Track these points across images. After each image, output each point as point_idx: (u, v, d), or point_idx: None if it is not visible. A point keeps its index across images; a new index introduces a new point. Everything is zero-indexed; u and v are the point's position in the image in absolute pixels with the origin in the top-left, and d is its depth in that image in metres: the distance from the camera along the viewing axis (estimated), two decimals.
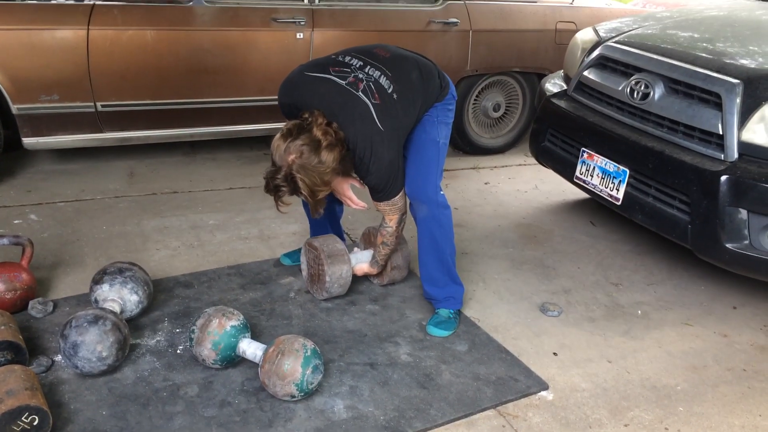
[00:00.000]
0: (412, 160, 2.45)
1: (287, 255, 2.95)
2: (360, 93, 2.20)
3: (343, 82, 2.21)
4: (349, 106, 2.19)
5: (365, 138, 2.19)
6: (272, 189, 2.21)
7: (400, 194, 2.40)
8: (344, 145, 2.20)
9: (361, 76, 2.24)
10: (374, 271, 2.69)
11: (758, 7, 3.61)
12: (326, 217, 2.81)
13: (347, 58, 2.31)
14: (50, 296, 2.59)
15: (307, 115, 2.18)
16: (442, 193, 2.51)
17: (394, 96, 2.25)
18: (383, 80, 2.26)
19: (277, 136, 2.20)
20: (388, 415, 2.10)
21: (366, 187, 2.39)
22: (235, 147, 4.34)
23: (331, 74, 2.24)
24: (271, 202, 3.55)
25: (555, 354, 2.49)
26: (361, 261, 2.70)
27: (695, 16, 3.52)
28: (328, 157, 2.14)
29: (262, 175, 2.23)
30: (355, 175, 2.42)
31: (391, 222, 2.48)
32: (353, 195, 2.49)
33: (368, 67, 2.28)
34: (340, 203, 2.77)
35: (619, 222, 3.66)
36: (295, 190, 2.19)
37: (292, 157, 2.14)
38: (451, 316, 2.58)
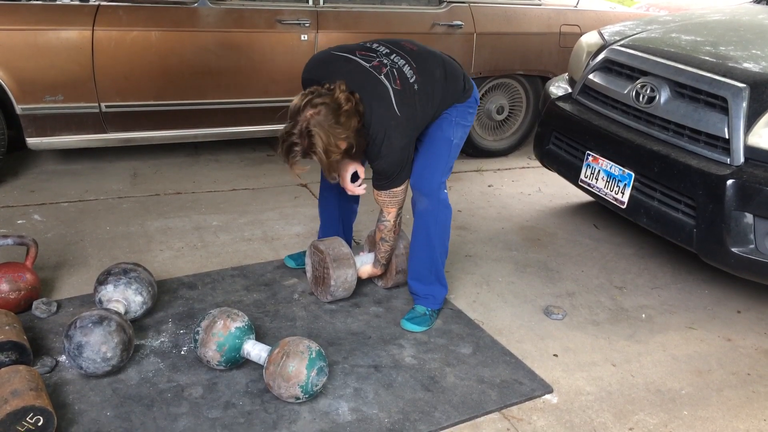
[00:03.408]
0: (422, 152, 2.46)
1: (291, 257, 2.95)
2: (382, 76, 2.22)
3: (368, 65, 2.24)
4: (370, 85, 2.20)
5: (381, 119, 2.19)
6: (285, 149, 2.15)
7: (403, 187, 2.40)
8: (362, 120, 2.18)
9: (385, 61, 2.26)
10: (378, 271, 2.70)
11: (760, 11, 3.61)
12: (339, 220, 2.81)
13: (375, 45, 2.35)
14: (54, 297, 2.59)
15: (329, 84, 2.17)
16: (446, 191, 2.52)
17: (415, 87, 2.27)
18: (407, 69, 2.28)
19: (297, 96, 2.16)
20: (393, 417, 2.09)
21: (359, 184, 2.38)
22: (238, 148, 4.34)
23: (357, 56, 2.27)
24: (275, 203, 3.59)
25: (555, 356, 2.49)
26: (366, 263, 2.70)
27: (698, 20, 3.52)
28: (347, 122, 2.12)
29: (278, 136, 2.17)
30: (362, 160, 2.41)
31: (389, 215, 2.47)
32: (349, 182, 2.46)
33: (394, 55, 2.31)
34: (356, 202, 2.79)
35: (622, 225, 3.65)
36: (309, 148, 2.12)
37: (310, 112, 2.10)
38: (427, 313, 2.59)
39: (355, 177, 2.50)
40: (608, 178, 2.98)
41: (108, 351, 2.09)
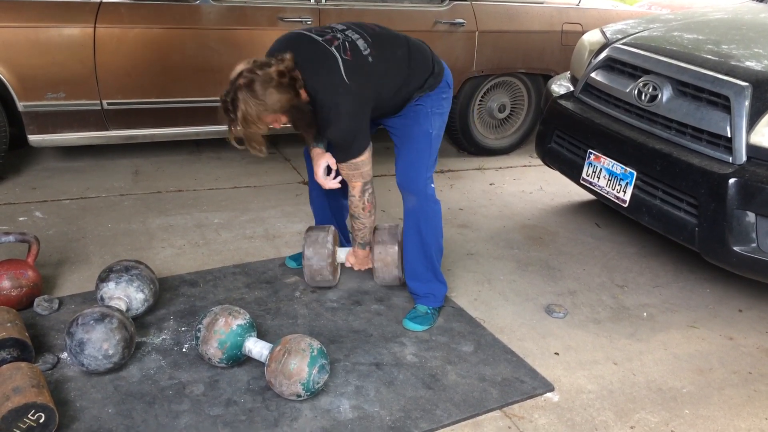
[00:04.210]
0: (403, 150, 2.48)
1: (292, 258, 2.95)
2: (332, 48, 2.24)
3: (320, 38, 2.26)
4: (318, 57, 2.22)
5: (328, 87, 2.20)
6: (222, 111, 2.19)
7: (363, 159, 2.35)
8: (298, 94, 2.19)
9: (339, 36, 2.29)
10: (359, 253, 2.67)
11: (763, 10, 3.60)
12: (332, 216, 2.82)
13: (334, 24, 2.37)
14: (56, 294, 2.60)
15: (279, 56, 2.19)
16: (432, 186, 2.52)
17: (370, 59, 2.27)
18: (360, 42, 2.29)
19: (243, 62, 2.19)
20: (394, 415, 2.09)
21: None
22: None
23: (312, 32, 2.30)
24: (276, 201, 3.59)
25: (557, 354, 2.49)
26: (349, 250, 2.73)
27: (701, 18, 3.52)
28: (273, 97, 2.11)
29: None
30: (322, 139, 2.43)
31: (354, 190, 2.44)
32: (321, 175, 2.46)
33: (349, 30, 2.32)
34: (344, 197, 2.79)
35: (624, 224, 3.65)
36: (234, 114, 2.14)
37: (241, 81, 2.12)
38: (429, 311, 2.59)
39: (330, 171, 2.49)
40: (610, 177, 2.98)
41: (110, 348, 2.09)
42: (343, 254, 2.75)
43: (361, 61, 2.25)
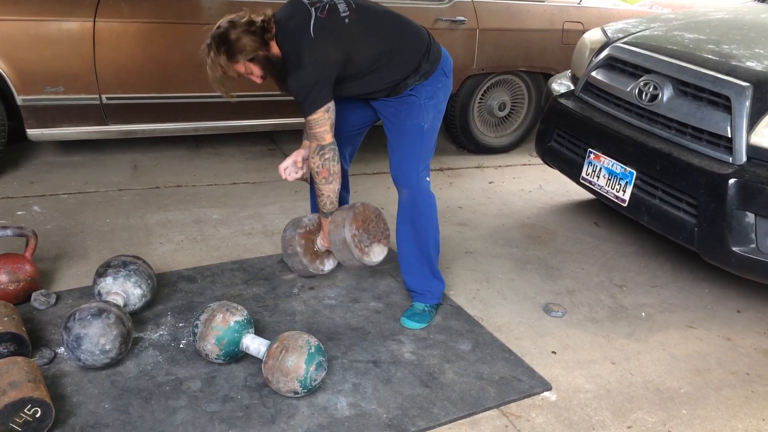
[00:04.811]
0: (395, 144, 2.49)
1: None
2: (312, 8, 2.30)
3: (307, 2, 2.33)
4: (295, 14, 2.31)
5: (293, 38, 2.28)
6: (205, 55, 2.33)
7: (316, 118, 2.31)
8: (267, 44, 2.27)
9: (326, 1, 2.33)
10: (324, 225, 2.59)
11: (764, 10, 3.60)
12: None
13: None
14: (53, 288, 2.59)
15: (260, 11, 2.30)
16: (427, 179, 2.51)
17: (346, 20, 2.31)
18: (342, 6, 2.33)
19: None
20: (391, 413, 2.09)
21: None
22: (239, 142, 4.33)
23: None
24: (275, 197, 3.59)
25: (554, 353, 2.48)
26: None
27: (702, 18, 3.51)
28: (240, 43, 2.22)
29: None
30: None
31: (310, 149, 2.41)
32: (284, 165, 2.58)
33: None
34: (346, 190, 2.82)
35: (623, 223, 3.65)
36: (211, 56, 2.28)
37: (217, 30, 2.27)
38: (426, 309, 2.59)
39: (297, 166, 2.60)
40: (610, 176, 2.98)
41: (107, 343, 2.08)
42: (320, 240, 2.72)
43: (334, 21, 2.30)
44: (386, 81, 2.41)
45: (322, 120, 2.33)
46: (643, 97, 2.90)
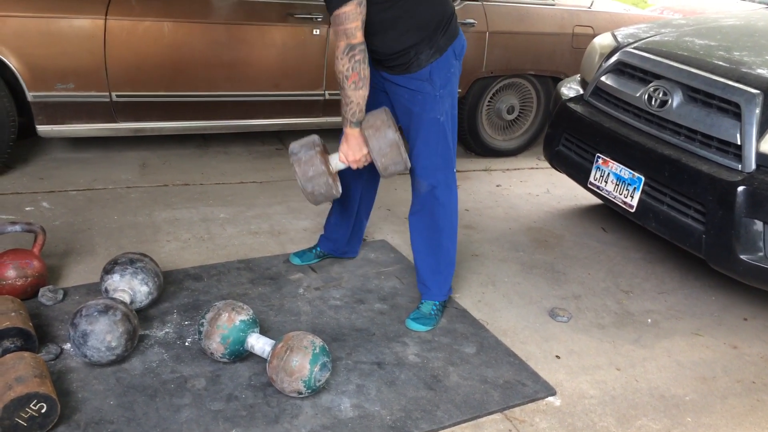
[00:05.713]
0: (415, 138, 2.44)
1: (297, 255, 2.94)
2: None
3: None
4: None
5: None
6: None
7: (346, 11, 2.11)
8: None
9: None
10: (351, 135, 2.33)
11: None
12: (350, 214, 2.81)
13: None
14: (61, 284, 2.60)
15: None
16: (455, 171, 2.48)
17: None
18: None
19: None
20: (395, 415, 2.09)
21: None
22: (247, 141, 4.34)
23: None
24: (282, 197, 3.59)
25: (559, 358, 2.48)
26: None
27: (713, 24, 3.50)
28: None
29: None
30: None
31: (338, 51, 2.18)
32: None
33: None
34: (369, 197, 2.80)
35: (630, 229, 3.63)
36: None
37: None
38: (433, 312, 2.59)
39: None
40: (618, 182, 2.97)
41: (113, 340, 2.09)
42: (335, 158, 2.43)
43: None
44: (403, 39, 2.28)
45: (354, 14, 2.11)
46: (653, 102, 2.89)
